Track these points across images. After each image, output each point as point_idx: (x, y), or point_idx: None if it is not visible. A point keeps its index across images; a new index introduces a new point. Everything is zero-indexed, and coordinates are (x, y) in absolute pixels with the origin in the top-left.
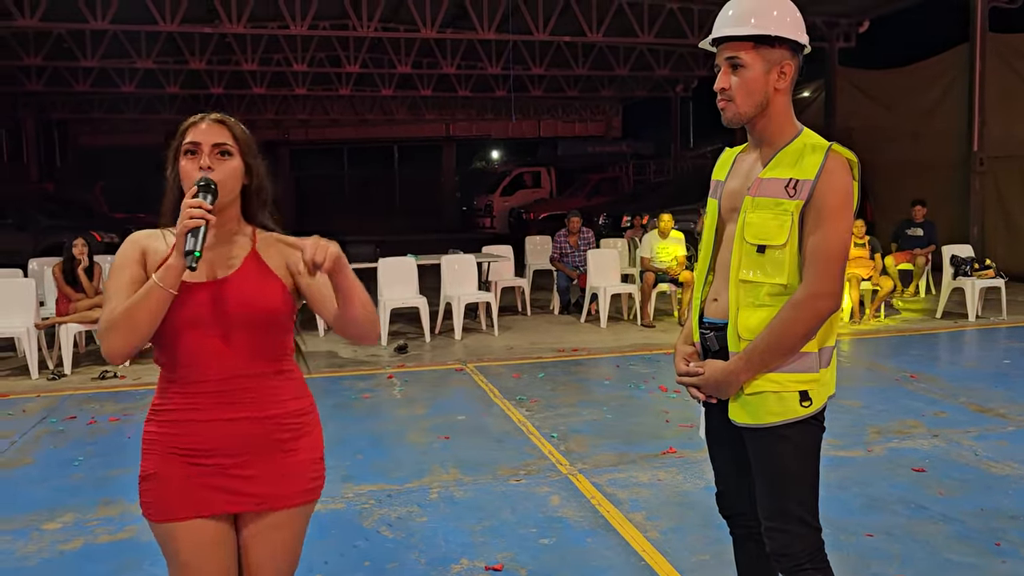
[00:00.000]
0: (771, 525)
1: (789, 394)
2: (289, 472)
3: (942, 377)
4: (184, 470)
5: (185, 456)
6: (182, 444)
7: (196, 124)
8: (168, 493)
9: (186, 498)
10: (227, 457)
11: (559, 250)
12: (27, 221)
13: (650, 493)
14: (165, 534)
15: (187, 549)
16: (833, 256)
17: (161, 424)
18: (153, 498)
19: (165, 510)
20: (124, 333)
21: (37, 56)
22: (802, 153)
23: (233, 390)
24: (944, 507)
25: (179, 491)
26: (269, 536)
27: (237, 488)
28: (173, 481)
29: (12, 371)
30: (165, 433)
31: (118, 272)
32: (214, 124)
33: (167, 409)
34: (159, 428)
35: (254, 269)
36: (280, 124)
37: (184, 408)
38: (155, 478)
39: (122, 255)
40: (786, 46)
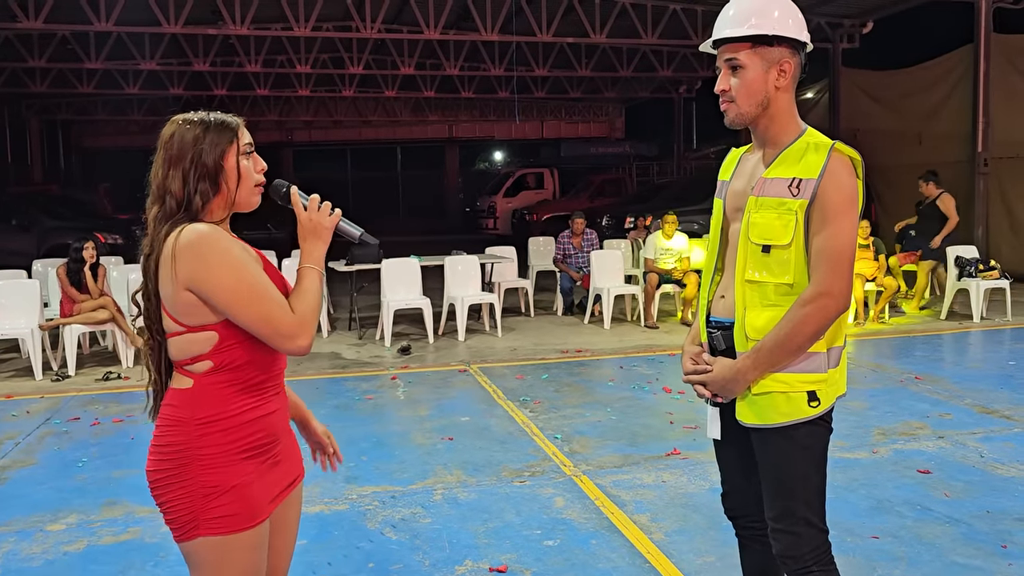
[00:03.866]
0: (777, 527)
1: (797, 394)
2: (295, 444)
3: (947, 378)
4: (253, 471)
5: (252, 456)
6: (252, 444)
7: (241, 125)
8: (256, 495)
9: (264, 499)
10: (280, 446)
11: (562, 251)
12: (31, 222)
13: (655, 495)
14: (238, 543)
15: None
16: (840, 255)
17: (227, 431)
18: (241, 507)
19: (255, 512)
20: (316, 321)
21: (41, 58)
22: (805, 152)
23: (280, 381)
24: (950, 509)
25: (257, 494)
26: (294, 511)
27: (285, 473)
28: (250, 486)
29: (16, 372)
30: (231, 440)
31: (255, 265)
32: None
33: (232, 415)
34: (225, 437)
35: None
36: (283, 125)
37: (251, 407)
38: (239, 488)
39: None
40: (785, 45)
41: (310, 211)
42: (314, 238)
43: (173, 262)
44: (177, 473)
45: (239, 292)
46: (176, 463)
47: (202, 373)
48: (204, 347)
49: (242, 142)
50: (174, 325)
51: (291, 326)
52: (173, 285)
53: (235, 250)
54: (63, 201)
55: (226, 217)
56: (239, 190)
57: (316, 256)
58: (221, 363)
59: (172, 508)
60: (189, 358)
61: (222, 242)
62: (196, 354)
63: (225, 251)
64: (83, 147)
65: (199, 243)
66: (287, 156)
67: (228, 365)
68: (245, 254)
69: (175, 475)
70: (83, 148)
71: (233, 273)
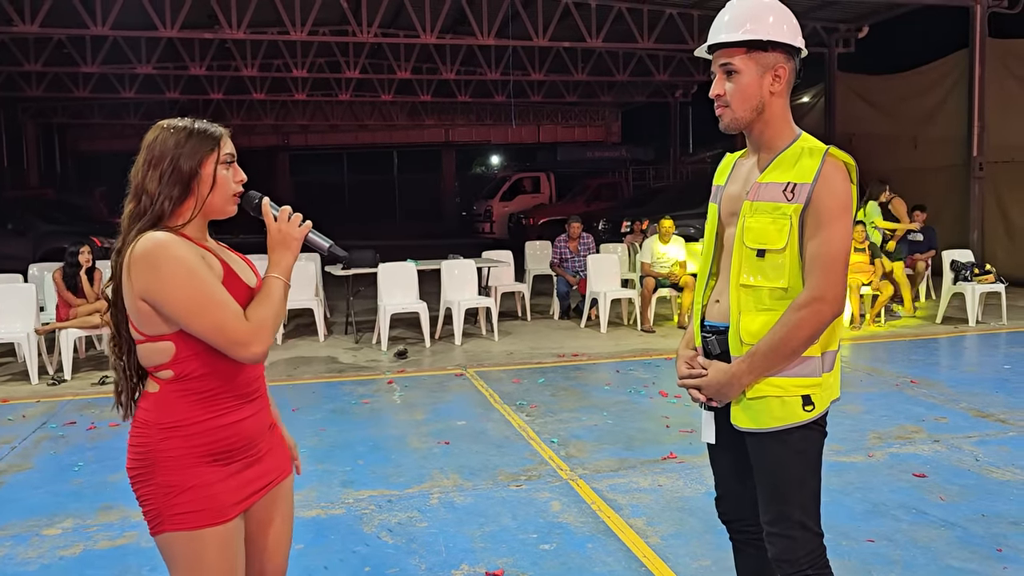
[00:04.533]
0: (772, 530)
1: (791, 398)
2: (278, 446)
3: (943, 382)
4: (218, 473)
5: (218, 460)
6: (215, 450)
7: (224, 136)
8: (219, 495)
9: (229, 499)
10: (251, 449)
11: (559, 255)
12: (27, 227)
13: (651, 499)
14: (202, 539)
15: (224, 549)
16: (834, 260)
17: (191, 436)
18: (203, 505)
19: (218, 511)
20: (275, 329)
21: (37, 62)
22: (800, 157)
23: (253, 388)
24: (945, 513)
25: (220, 495)
26: (279, 509)
27: (259, 473)
28: (220, 482)
29: (12, 376)
30: (199, 444)
31: (205, 272)
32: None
33: (197, 419)
34: (189, 441)
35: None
36: (280, 129)
37: (213, 416)
38: (198, 488)
39: (193, 255)
40: (780, 50)
41: (280, 222)
42: (283, 248)
43: (129, 272)
44: (145, 472)
45: (189, 302)
46: (144, 463)
47: (166, 380)
48: (164, 357)
49: (223, 151)
50: (136, 333)
51: (244, 333)
52: (131, 295)
53: (188, 259)
54: (59, 205)
55: (190, 220)
56: (212, 197)
57: (283, 266)
58: (180, 373)
59: (144, 503)
60: (154, 366)
61: (174, 251)
62: (158, 363)
63: (176, 260)
64: (79, 151)
65: (152, 253)
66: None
67: (187, 375)
68: (199, 263)
69: (144, 473)
70: (79, 152)
71: (183, 283)
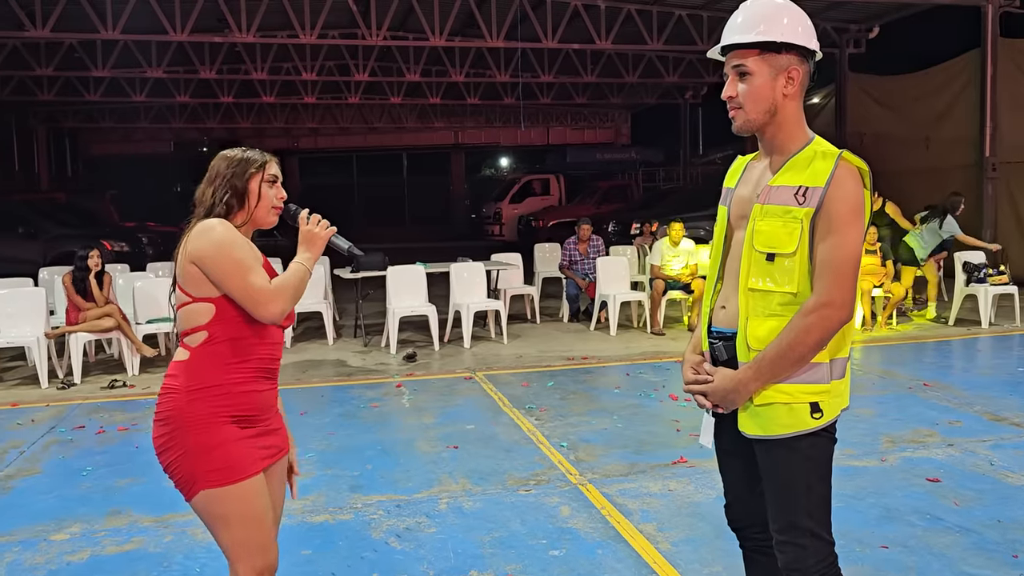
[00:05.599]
0: (782, 539)
1: (799, 405)
2: (283, 426)
3: (956, 385)
4: (240, 433)
5: (239, 422)
6: (237, 413)
7: (270, 160)
8: (244, 452)
9: (253, 456)
10: (264, 420)
11: (568, 258)
12: (37, 230)
13: (661, 503)
14: (245, 491)
15: (262, 497)
16: (844, 265)
17: (217, 397)
18: (232, 461)
19: (245, 466)
20: (293, 299)
21: (48, 66)
22: (812, 160)
23: (269, 368)
24: (960, 518)
25: (246, 452)
26: (280, 479)
27: (271, 443)
28: (238, 444)
29: (22, 380)
30: (224, 404)
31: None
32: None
33: (220, 383)
34: (215, 401)
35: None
36: (289, 132)
37: (234, 383)
38: (227, 444)
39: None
40: (794, 52)
41: (311, 225)
42: (309, 244)
43: (186, 242)
44: (173, 436)
45: (229, 265)
46: (172, 427)
47: (198, 346)
48: (203, 318)
49: (268, 172)
50: (182, 296)
51: (266, 294)
52: (182, 259)
53: (235, 235)
54: (69, 209)
55: (241, 226)
56: (257, 209)
57: (307, 257)
58: (214, 335)
59: (174, 470)
60: (191, 328)
61: (225, 227)
62: (196, 324)
63: (225, 233)
64: (90, 155)
65: (207, 227)
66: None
67: (220, 337)
68: (243, 242)
69: (172, 439)
70: (90, 156)
71: (227, 251)
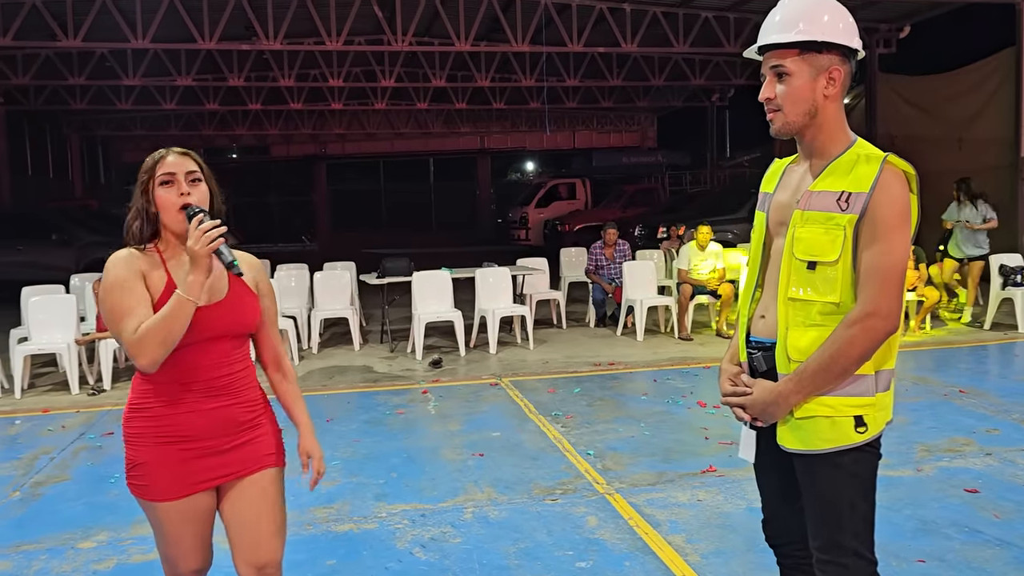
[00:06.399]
0: (824, 557)
1: (843, 419)
2: (258, 441)
3: (993, 392)
4: (176, 455)
5: (176, 443)
6: (172, 433)
7: (164, 158)
8: (163, 477)
9: (180, 479)
10: (213, 438)
11: (595, 262)
12: (71, 237)
13: (690, 514)
14: (159, 512)
15: (177, 522)
16: (890, 273)
17: (147, 419)
18: (148, 481)
19: (161, 491)
20: (163, 344)
21: (81, 75)
22: (855, 164)
23: (218, 385)
24: (1000, 531)
25: (173, 474)
26: (246, 493)
27: (222, 462)
28: (166, 466)
29: (53, 386)
30: (153, 426)
31: (128, 288)
32: (180, 156)
33: (152, 405)
34: (145, 423)
35: (239, 288)
36: (317, 138)
37: (172, 403)
38: (147, 465)
39: (125, 273)
40: (835, 51)
41: (191, 238)
42: (193, 266)
43: None
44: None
45: (104, 314)
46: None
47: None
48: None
49: (158, 173)
50: None
51: (129, 346)
52: None
53: (118, 275)
54: (101, 216)
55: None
56: (165, 220)
57: (189, 282)
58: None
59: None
60: None
61: (110, 266)
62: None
63: (109, 276)
64: (122, 162)
65: (104, 272)
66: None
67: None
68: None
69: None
70: (122, 163)
71: (104, 296)
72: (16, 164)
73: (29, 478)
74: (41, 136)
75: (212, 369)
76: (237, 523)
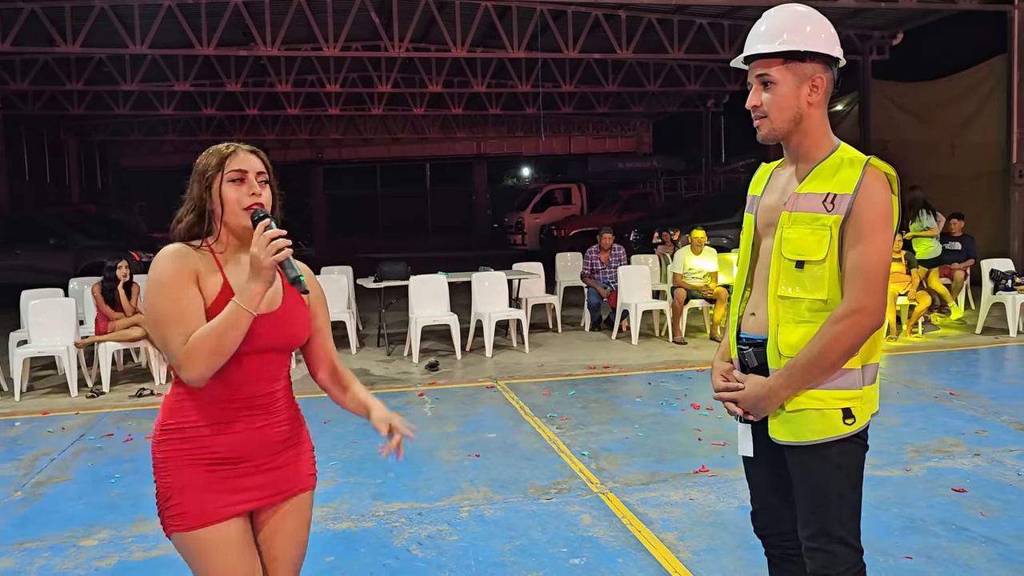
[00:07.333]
0: (812, 545)
1: (831, 411)
2: (297, 462)
3: (983, 394)
4: (210, 477)
5: (211, 465)
6: (212, 455)
7: (235, 153)
8: (201, 501)
9: (219, 502)
10: (253, 460)
11: (590, 267)
12: (68, 242)
13: (682, 512)
14: (199, 542)
15: (224, 551)
16: (874, 271)
17: (184, 440)
18: (187, 508)
19: (201, 517)
20: (214, 356)
21: (79, 81)
22: (839, 167)
23: (261, 402)
24: (986, 529)
25: (211, 498)
26: (284, 523)
27: (261, 484)
28: (203, 490)
29: (53, 389)
30: (190, 448)
31: (180, 290)
32: (250, 153)
33: (192, 425)
34: (182, 444)
35: (293, 299)
36: (314, 144)
37: (213, 421)
38: (184, 490)
39: (177, 271)
40: (818, 60)
41: (257, 245)
42: (254, 274)
43: None
44: (154, 474)
45: (151, 313)
46: (153, 465)
47: (174, 382)
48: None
49: (228, 169)
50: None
51: (177, 358)
52: None
53: (167, 274)
54: (99, 220)
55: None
56: (226, 217)
57: (247, 291)
58: (178, 378)
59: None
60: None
61: (160, 264)
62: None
63: (156, 277)
64: (119, 167)
65: (151, 266)
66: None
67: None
68: (178, 280)
69: (154, 476)
70: (119, 168)
71: (151, 298)
72: (14, 169)
73: (30, 478)
74: (39, 141)
75: (257, 384)
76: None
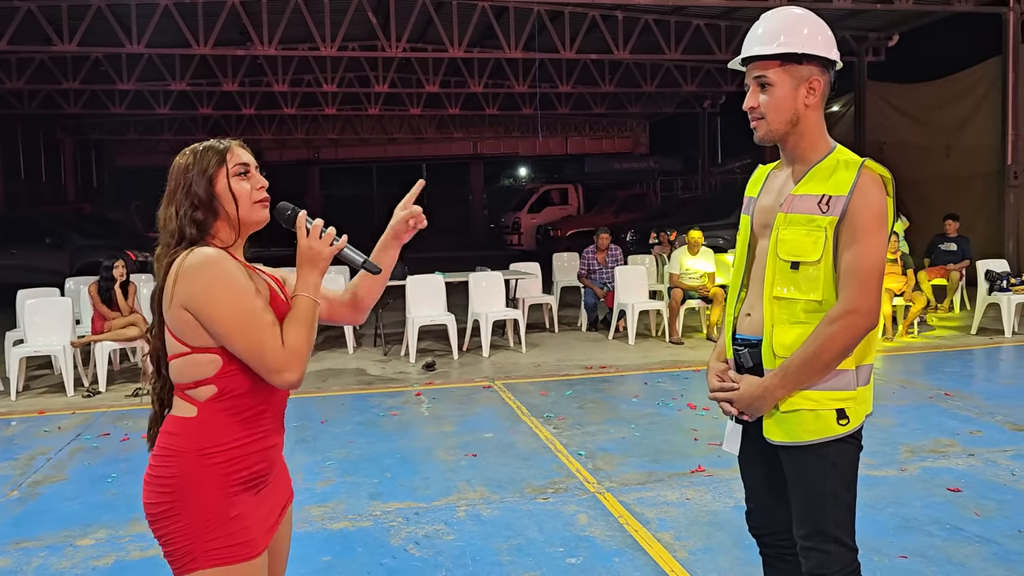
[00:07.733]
0: (807, 544)
1: (826, 412)
2: (284, 470)
3: (978, 395)
4: (256, 499)
5: (251, 486)
6: (251, 475)
7: (231, 148)
8: (252, 529)
9: (265, 525)
10: (270, 473)
11: (587, 267)
12: (64, 241)
13: (679, 512)
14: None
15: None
16: (869, 272)
17: (228, 463)
18: (238, 539)
19: (251, 546)
20: (309, 354)
21: (75, 80)
22: (835, 169)
23: (281, 413)
24: (980, 528)
25: (260, 522)
26: (284, 534)
27: (277, 498)
28: (250, 515)
29: (48, 388)
30: (236, 470)
31: (251, 294)
32: (243, 148)
33: (234, 445)
34: (227, 468)
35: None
36: (310, 143)
37: (253, 438)
38: (234, 520)
39: (244, 273)
40: (815, 62)
41: (311, 238)
42: (310, 266)
43: (174, 282)
44: (176, 505)
45: (234, 320)
46: (177, 495)
47: (205, 401)
48: (208, 371)
49: (232, 163)
50: (177, 345)
51: (280, 360)
52: (171, 303)
53: (238, 277)
54: (95, 220)
55: (236, 241)
56: (240, 212)
57: (312, 284)
58: (224, 389)
59: (171, 541)
60: (192, 382)
61: (225, 265)
62: (199, 378)
63: (226, 274)
64: (115, 166)
65: (202, 265)
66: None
67: (231, 392)
68: (248, 282)
69: (175, 507)
70: (115, 167)
71: (230, 299)
72: (9, 168)
73: (26, 478)
74: (35, 140)
75: (282, 393)
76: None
